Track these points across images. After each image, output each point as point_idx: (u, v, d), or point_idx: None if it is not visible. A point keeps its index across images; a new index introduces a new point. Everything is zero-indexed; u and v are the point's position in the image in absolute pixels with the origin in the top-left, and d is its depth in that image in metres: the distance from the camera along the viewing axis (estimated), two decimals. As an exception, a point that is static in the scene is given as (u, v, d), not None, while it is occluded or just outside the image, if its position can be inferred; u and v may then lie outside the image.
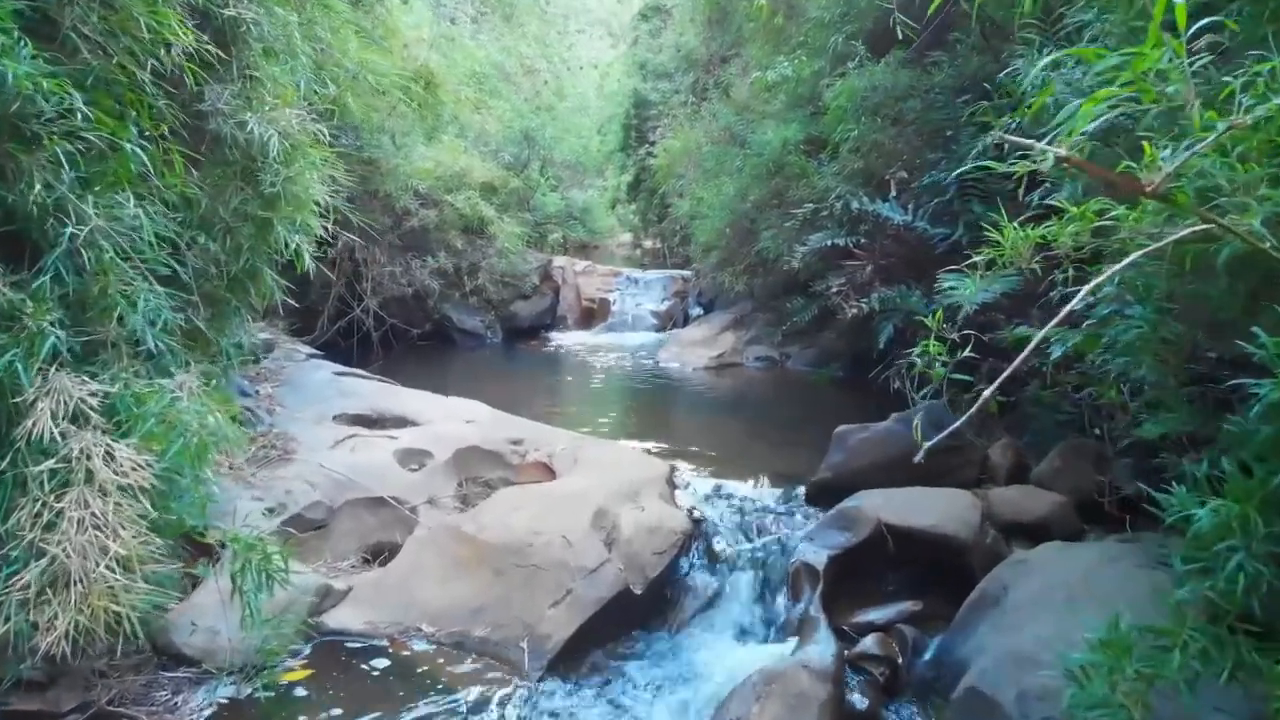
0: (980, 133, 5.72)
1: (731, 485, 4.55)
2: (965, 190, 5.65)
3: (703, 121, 10.88)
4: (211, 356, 3.97)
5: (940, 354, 2.57)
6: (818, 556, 3.60)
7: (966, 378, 3.92)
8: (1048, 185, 3.26)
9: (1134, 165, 1.54)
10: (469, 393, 7.33)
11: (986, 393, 1.82)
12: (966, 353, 2.88)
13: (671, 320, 11.23)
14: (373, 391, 5.56)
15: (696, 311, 11.43)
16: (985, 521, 3.86)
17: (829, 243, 6.37)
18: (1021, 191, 5.47)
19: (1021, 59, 3.05)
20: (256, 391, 5.19)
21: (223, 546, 3.09)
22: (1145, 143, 1.55)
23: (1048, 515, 3.89)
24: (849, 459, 4.32)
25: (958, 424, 1.90)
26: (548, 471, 4.64)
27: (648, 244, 20.09)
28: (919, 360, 4.12)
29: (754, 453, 5.35)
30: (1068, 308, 1.81)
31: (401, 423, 5.15)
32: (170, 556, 3.43)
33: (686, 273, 12.18)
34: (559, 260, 12.09)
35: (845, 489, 4.18)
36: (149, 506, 2.76)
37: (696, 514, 4.11)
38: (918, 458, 1.85)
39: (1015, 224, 2.28)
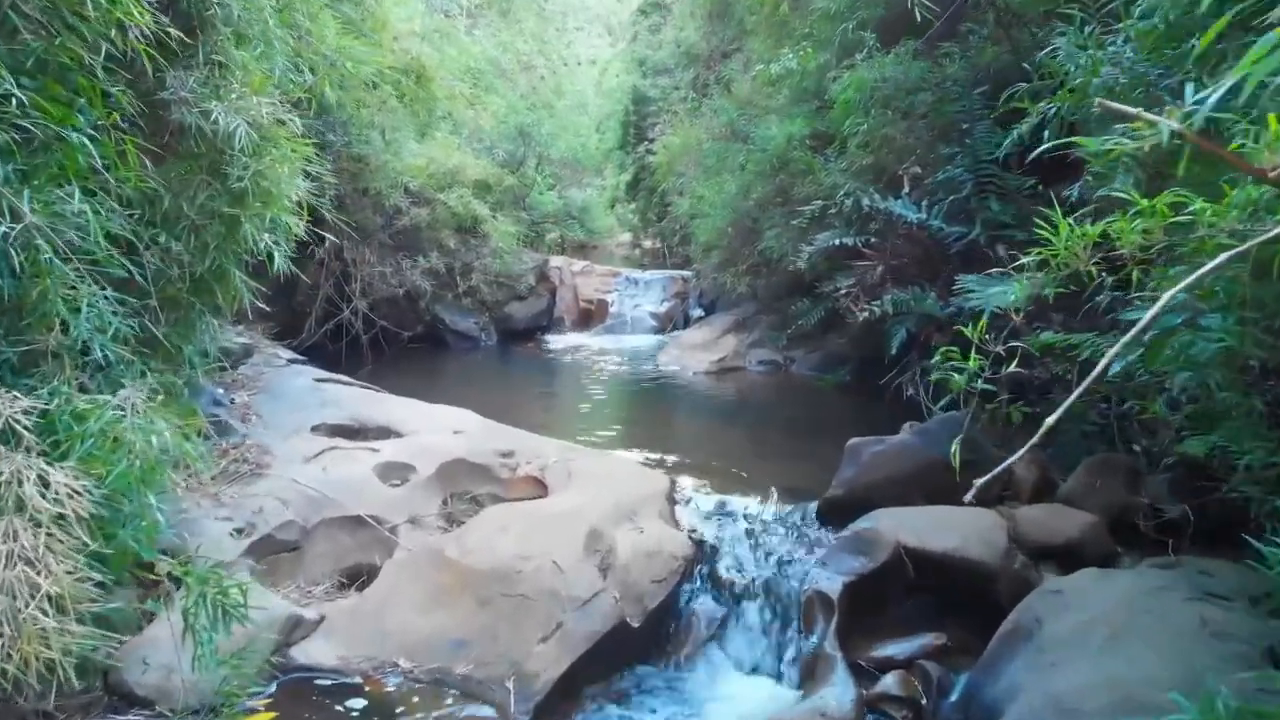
0: (996, 126, 5.44)
1: (736, 501, 4.25)
2: (982, 187, 5.36)
3: (703, 118, 10.57)
4: (174, 366, 3.67)
5: (979, 367, 2.25)
6: (832, 584, 3.30)
7: (988, 387, 3.64)
8: (1089, 179, 2.97)
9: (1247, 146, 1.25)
10: (461, 398, 7.04)
11: (1049, 420, 1.51)
12: (975, 354, 2.59)
13: (671, 322, 10.93)
14: (355, 399, 5.26)
15: (697, 313, 11.13)
16: (1012, 544, 3.57)
17: (837, 242, 6.08)
18: (1040, 186, 5.15)
19: (1063, 36, 2.76)
20: (231, 400, 4.89)
21: (174, 581, 2.79)
22: (1272, 116, 1.25)
23: (1079, 537, 3.59)
24: (862, 474, 4.03)
25: (1012, 459, 1.59)
26: (539, 486, 4.35)
27: (647, 244, 19.77)
28: (939, 369, 3.84)
29: (759, 464, 5.05)
30: (1148, 316, 1.50)
31: (385, 433, 4.85)
32: (122, 587, 3.16)
33: (686, 273, 11.87)
34: (556, 260, 11.79)
35: (859, 506, 3.89)
36: (87, 537, 2.46)
37: (699, 535, 3.81)
38: (968, 497, 1.55)
39: (1071, 220, 1.97)
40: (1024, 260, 2.28)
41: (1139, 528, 3.64)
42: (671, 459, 5.10)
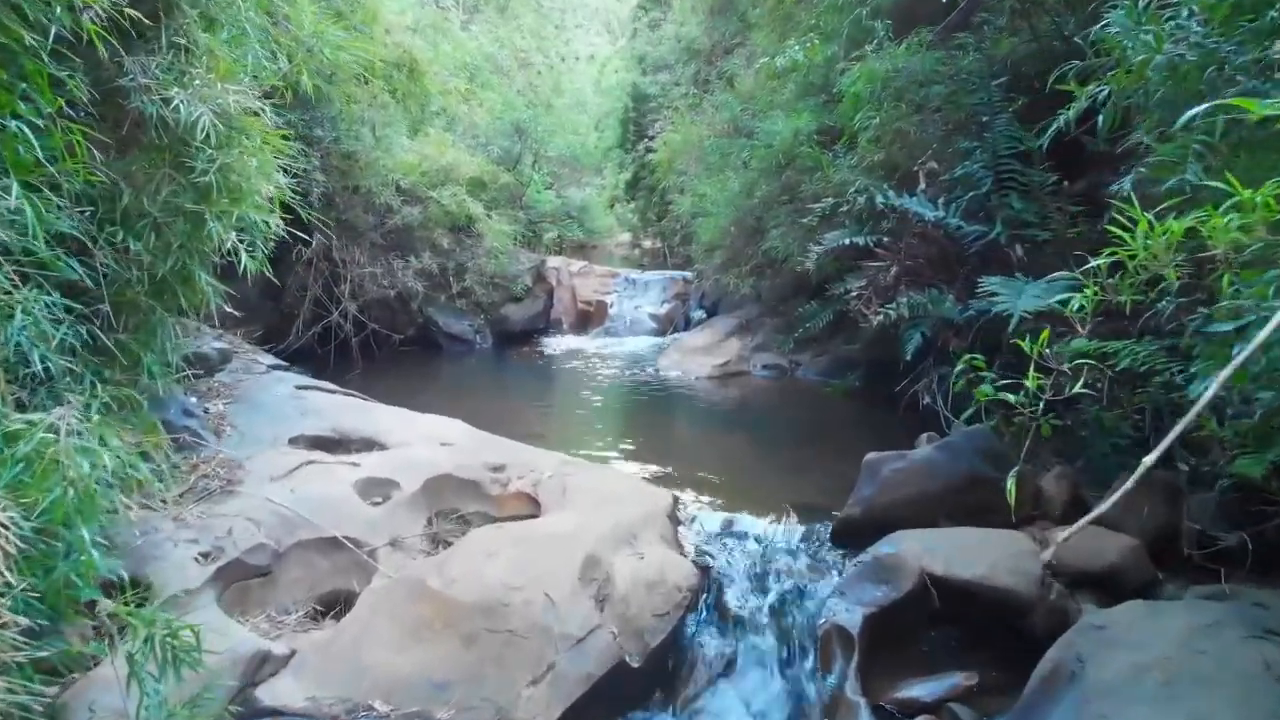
0: (1015, 120, 5.15)
1: (744, 520, 3.96)
2: (1002, 183, 5.06)
3: (705, 114, 10.28)
4: (133, 376, 3.37)
5: (1037, 386, 1.95)
6: (851, 617, 3.01)
7: (1009, 396, 3.34)
8: (1141, 170, 2.68)
9: None
10: (452, 405, 6.75)
11: (1150, 459, 1.22)
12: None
13: (672, 324, 10.63)
14: (338, 408, 4.96)
15: (698, 315, 10.84)
16: (1046, 570, 3.27)
17: (847, 241, 5.78)
18: (1063, 182, 4.84)
19: (1116, 7, 2.47)
20: (205, 410, 4.59)
21: (115, 625, 2.50)
22: None
23: (1119, 562, 3.30)
24: (882, 493, 3.73)
25: (1102, 507, 1.29)
26: (532, 503, 4.05)
27: (647, 244, 19.48)
28: (961, 379, 3.54)
29: (768, 478, 4.76)
30: (1263, 333, 1.20)
31: (368, 445, 4.55)
32: (70, 625, 2.86)
33: (687, 274, 11.58)
34: (554, 260, 11.50)
35: (878, 528, 3.59)
36: (13, 576, 2.17)
37: (705, 559, 3.51)
38: (1045, 556, 1.25)
39: (1151, 215, 1.67)
40: (1096, 263, 1.95)
41: (1184, 553, 3.35)
42: (674, 472, 4.81)
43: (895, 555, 3.24)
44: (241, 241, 3.65)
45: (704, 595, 3.30)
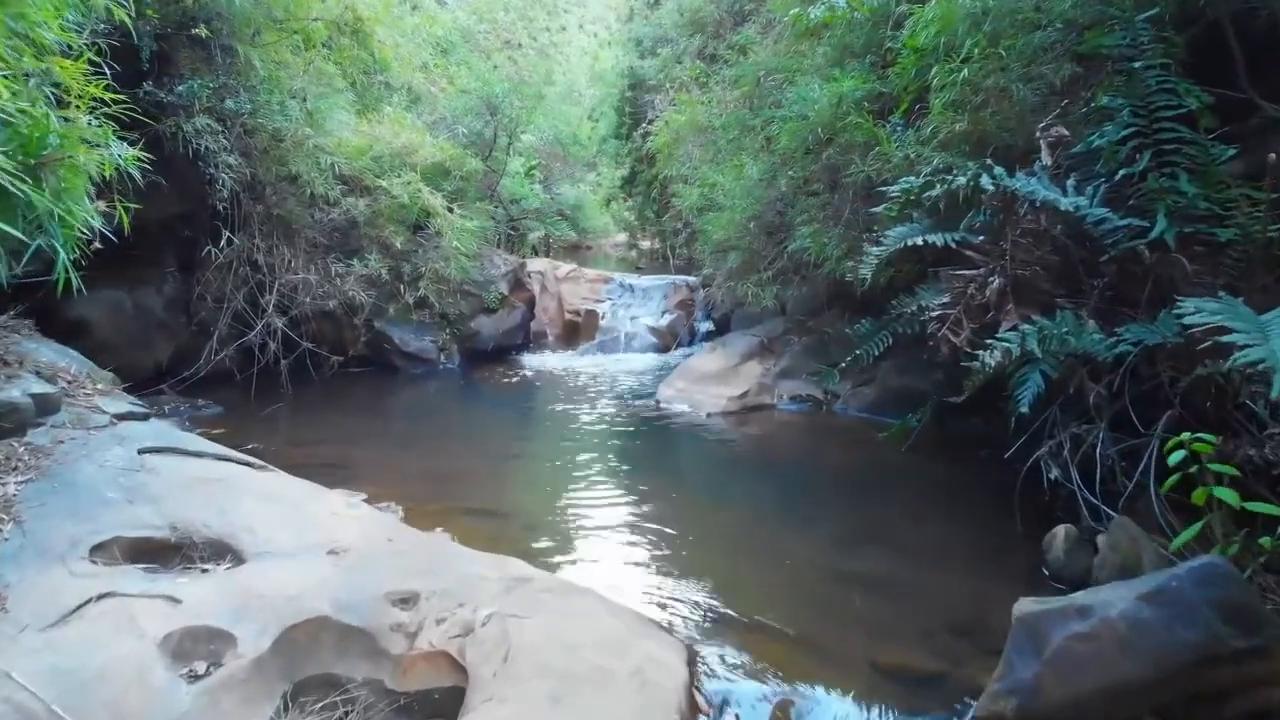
0: (1172, 69, 3.59)
1: (810, 700, 2.37)
2: (1164, 159, 3.48)
3: (714, 92, 8.67)
4: None
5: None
6: None
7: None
8: None
9: None
10: (389, 453, 5.10)
11: None
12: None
13: (675, 339, 9.05)
14: (189, 487, 3.37)
15: (705, 327, 9.26)
16: None
17: (920, 241, 4.19)
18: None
19: None
20: (-27, 496, 3.00)
21: None
22: None
23: None
24: (1056, 677, 2.15)
25: None
26: (453, 669, 2.47)
27: (645, 244, 17.90)
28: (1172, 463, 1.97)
29: (828, 596, 3.17)
30: None
31: (218, 553, 2.96)
32: None
33: (692, 278, 10.01)
34: (536, 264, 9.92)
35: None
36: None
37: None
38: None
39: None
40: None
41: None
42: (686, 588, 3.21)
43: None
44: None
45: None
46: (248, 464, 3.90)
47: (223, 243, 6.21)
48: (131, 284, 6.66)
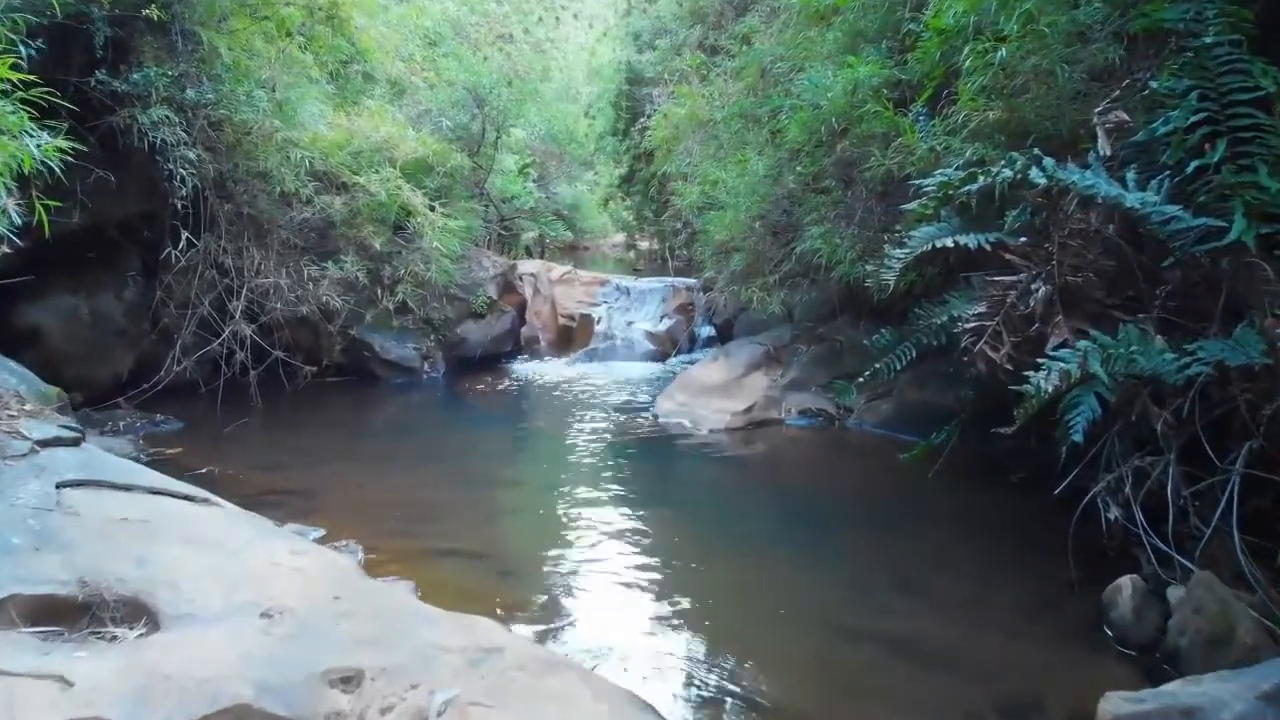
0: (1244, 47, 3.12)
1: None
2: (1240, 147, 3.01)
3: (715, 84, 8.19)
4: None
5: None
6: None
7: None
8: None
9: None
10: (361, 474, 4.53)
11: None
12: None
13: (674, 345, 8.57)
14: (110, 527, 2.89)
15: (706, 332, 8.79)
16: None
17: (949, 242, 3.72)
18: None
19: None
20: None
21: None
22: None
23: None
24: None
25: None
26: (406, 778, 1.99)
27: (643, 244, 17.42)
28: None
29: (855, 672, 2.68)
30: None
31: (131, 614, 2.48)
32: None
33: (692, 281, 9.53)
34: (528, 265, 9.44)
35: None
36: None
37: None
38: None
39: None
40: None
41: None
42: (685, 659, 2.73)
43: None
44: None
45: None
46: (187, 498, 3.42)
47: (182, 244, 5.71)
48: (89, 289, 6.18)
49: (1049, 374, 2.77)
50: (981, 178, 3.19)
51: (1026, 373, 2.88)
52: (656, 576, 3.30)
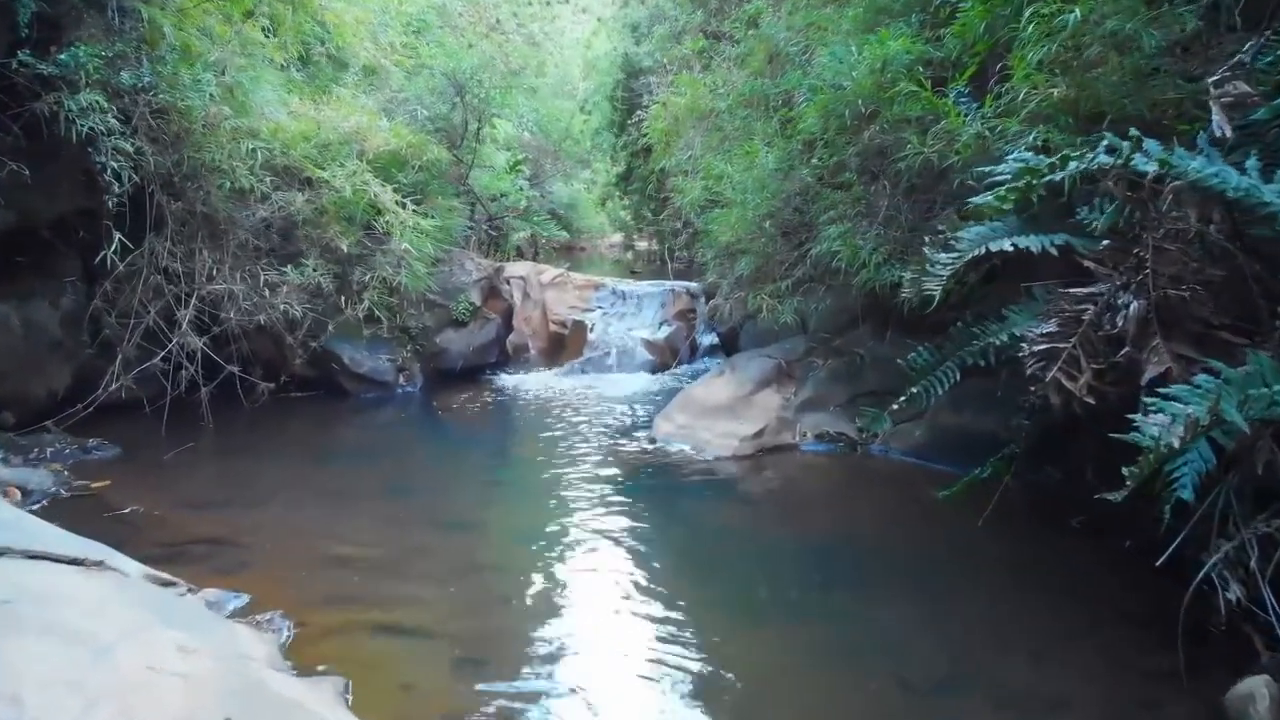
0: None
1: None
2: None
3: (718, 72, 7.53)
4: None
5: None
6: None
7: None
8: None
9: None
10: (309, 514, 3.78)
11: None
12: None
13: (674, 355, 7.93)
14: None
15: (709, 341, 8.15)
16: None
17: (1006, 246, 3.07)
18: None
19: None
20: None
21: None
22: None
23: None
24: None
25: None
26: None
27: (641, 245, 16.76)
28: None
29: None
30: None
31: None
32: None
33: (693, 285, 8.88)
34: (516, 268, 8.79)
35: None
36: None
37: None
38: None
39: None
40: None
41: None
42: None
43: None
44: None
45: None
46: (75, 561, 2.78)
47: (116, 246, 5.06)
48: (21, 297, 5.51)
49: (1173, 422, 2.11)
50: (1074, 162, 2.54)
51: (1132, 416, 2.23)
52: (651, 672, 2.62)
